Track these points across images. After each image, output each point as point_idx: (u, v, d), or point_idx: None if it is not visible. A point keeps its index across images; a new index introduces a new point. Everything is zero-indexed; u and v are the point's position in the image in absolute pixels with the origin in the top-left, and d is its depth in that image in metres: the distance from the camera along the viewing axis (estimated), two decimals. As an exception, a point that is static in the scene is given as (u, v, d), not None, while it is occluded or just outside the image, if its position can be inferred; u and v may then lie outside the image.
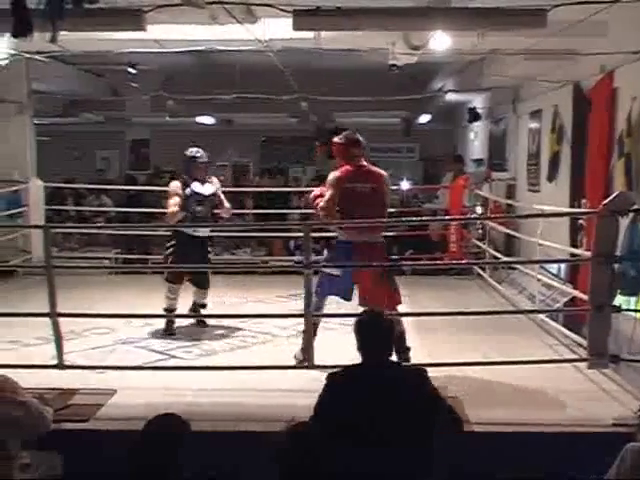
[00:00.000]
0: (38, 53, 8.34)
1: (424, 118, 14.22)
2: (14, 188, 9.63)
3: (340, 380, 3.49)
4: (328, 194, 5.33)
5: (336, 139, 5.67)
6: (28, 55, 8.39)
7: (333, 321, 6.36)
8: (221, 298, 7.31)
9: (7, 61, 8.32)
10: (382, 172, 5.57)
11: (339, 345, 6.07)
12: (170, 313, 6.48)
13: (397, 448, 3.21)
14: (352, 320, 3.77)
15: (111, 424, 4.44)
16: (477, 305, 7.43)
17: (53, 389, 4.77)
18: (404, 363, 4.64)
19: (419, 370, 3.56)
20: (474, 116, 11.90)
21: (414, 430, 3.30)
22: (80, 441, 4.25)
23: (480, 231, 9.97)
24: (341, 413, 3.34)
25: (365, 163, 5.56)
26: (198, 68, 11.65)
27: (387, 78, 9.12)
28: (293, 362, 5.33)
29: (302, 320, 5.21)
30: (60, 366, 5.11)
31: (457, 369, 5.07)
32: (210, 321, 6.82)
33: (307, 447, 2.89)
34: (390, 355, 3.52)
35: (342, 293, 5.35)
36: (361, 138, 5.64)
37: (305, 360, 5.15)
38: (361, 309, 5.94)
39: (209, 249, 6.60)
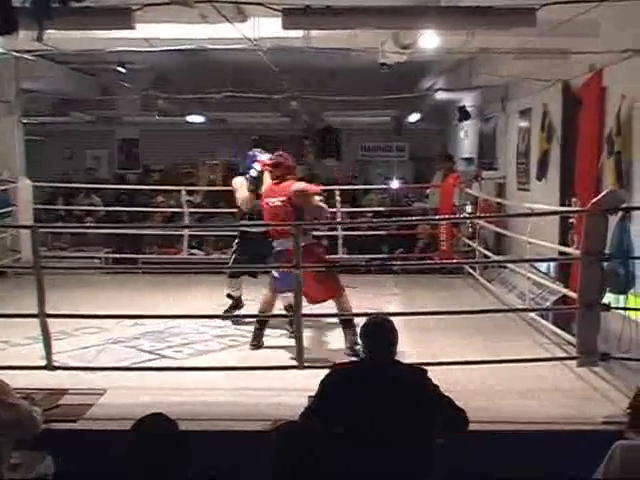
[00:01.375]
0: (27, 52, 8.29)
1: (414, 117, 14.22)
2: (3, 188, 9.57)
3: (340, 376, 3.53)
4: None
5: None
6: (17, 54, 8.34)
7: (323, 319, 6.36)
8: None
9: (-5, 60, 8.28)
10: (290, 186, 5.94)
11: (331, 344, 6.13)
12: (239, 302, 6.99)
13: (396, 448, 3.23)
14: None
15: (100, 424, 4.42)
16: (468, 304, 7.43)
17: (42, 389, 4.76)
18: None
19: (420, 369, 3.61)
20: (464, 115, 11.91)
21: (414, 429, 3.33)
22: (69, 441, 4.23)
23: (470, 230, 9.98)
24: (339, 410, 3.36)
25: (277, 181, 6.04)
26: (188, 67, 11.62)
27: (377, 77, 9.12)
28: (284, 360, 5.32)
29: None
30: (49, 367, 5.08)
31: (447, 368, 5.05)
32: (201, 321, 6.80)
33: (298, 446, 2.87)
34: (392, 356, 3.57)
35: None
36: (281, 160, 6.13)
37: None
38: (359, 310, 6.00)
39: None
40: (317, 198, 5.98)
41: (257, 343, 6.02)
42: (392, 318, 5.64)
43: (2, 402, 3.56)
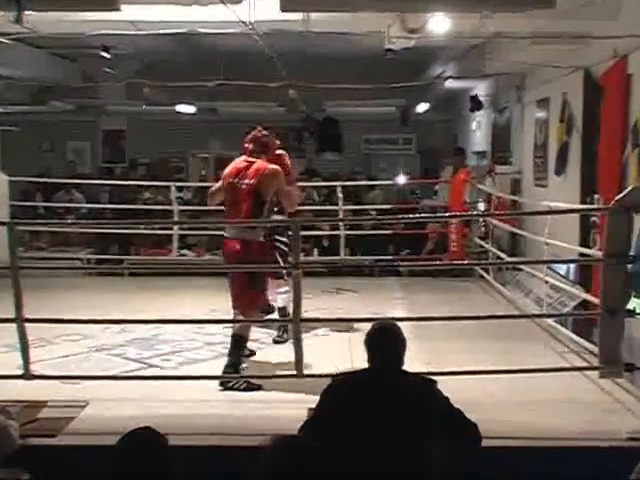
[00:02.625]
0: (3, 35, 8.27)
1: (422, 107, 14.20)
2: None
3: (342, 387, 3.52)
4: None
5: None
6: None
7: (324, 327, 6.36)
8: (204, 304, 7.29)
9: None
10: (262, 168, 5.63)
11: (331, 353, 6.11)
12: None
13: (402, 463, 3.22)
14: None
15: (82, 439, 4.40)
16: (480, 309, 7.43)
17: (19, 402, 4.74)
18: None
19: (428, 379, 3.62)
20: (476, 105, 11.89)
21: (421, 444, 3.33)
22: (49, 458, 4.21)
23: (483, 229, 9.97)
24: (341, 423, 3.36)
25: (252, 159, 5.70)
26: (178, 53, 11.60)
27: (382, 64, 9.10)
28: (282, 370, 5.31)
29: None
30: (27, 376, 5.05)
31: (458, 379, 5.04)
32: (191, 327, 6.79)
33: (294, 462, 2.86)
34: (399, 365, 3.57)
35: None
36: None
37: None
38: (360, 316, 5.99)
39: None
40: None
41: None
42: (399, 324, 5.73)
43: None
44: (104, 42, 9.68)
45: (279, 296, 6.52)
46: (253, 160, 5.69)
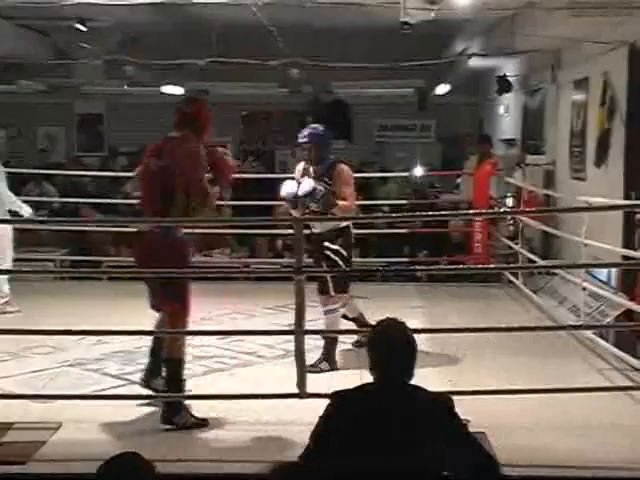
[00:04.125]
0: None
1: (443, 89, 14.20)
2: None
3: (347, 400, 3.47)
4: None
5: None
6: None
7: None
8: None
9: None
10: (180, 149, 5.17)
11: (341, 367, 6.13)
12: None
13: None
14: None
15: (55, 466, 4.40)
16: (507, 319, 7.42)
17: (-19, 423, 4.76)
18: None
19: (443, 397, 3.52)
20: (504, 86, 11.89)
21: (430, 466, 3.29)
22: (16, 488, 4.24)
23: (511, 228, 9.97)
24: (341, 449, 3.32)
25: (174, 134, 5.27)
26: (164, 26, 11.63)
27: (398, 39, 9.11)
28: (283, 388, 5.31)
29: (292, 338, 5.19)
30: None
31: (483, 398, 5.06)
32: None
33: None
34: (409, 376, 3.49)
35: None
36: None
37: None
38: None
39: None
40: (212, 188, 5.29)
41: None
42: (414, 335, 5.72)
43: None
44: (80, 13, 9.69)
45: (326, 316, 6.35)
46: (175, 135, 5.24)
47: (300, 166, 6.59)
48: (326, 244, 6.37)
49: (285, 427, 4.84)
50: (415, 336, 5.11)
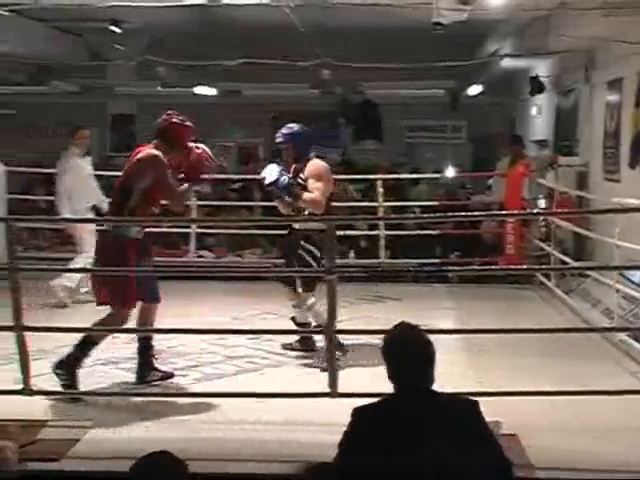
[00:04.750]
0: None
1: (474, 90, 14.18)
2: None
3: (368, 415, 3.44)
4: None
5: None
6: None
7: (361, 339, 6.37)
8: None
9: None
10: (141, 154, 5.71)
11: (369, 369, 6.13)
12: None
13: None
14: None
15: (88, 464, 4.43)
16: (539, 321, 7.41)
17: (17, 420, 4.80)
18: None
19: (469, 401, 3.48)
20: (537, 87, 11.85)
21: (456, 474, 3.26)
22: (50, 485, 4.28)
23: (543, 229, 9.92)
24: (370, 456, 3.30)
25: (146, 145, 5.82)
26: (196, 27, 11.67)
27: (429, 40, 9.11)
28: (313, 388, 5.33)
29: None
30: (26, 392, 5.13)
31: (514, 400, 5.04)
32: (210, 338, 6.83)
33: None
34: (430, 382, 3.46)
35: None
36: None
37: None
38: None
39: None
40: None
41: None
42: (445, 337, 5.72)
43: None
44: (114, 15, 9.75)
45: (308, 313, 6.50)
46: (145, 143, 5.80)
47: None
48: (302, 242, 6.45)
49: (317, 427, 4.82)
50: (446, 337, 5.12)
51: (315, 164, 6.55)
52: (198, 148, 5.96)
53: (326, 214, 6.36)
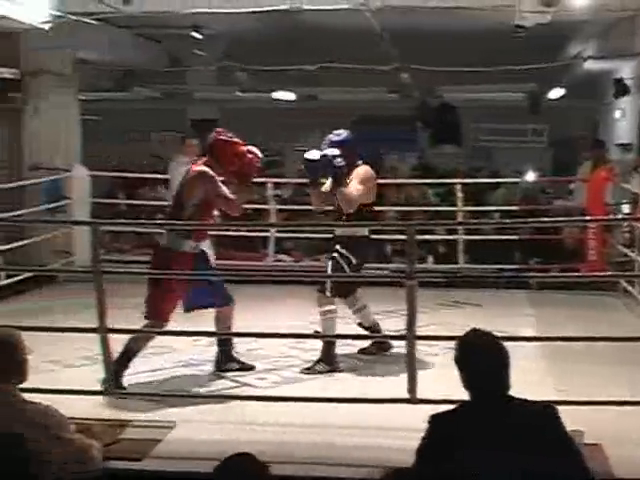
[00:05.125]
0: (86, 15, 8.57)
1: (556, 93, 14.02)
2: (54, 177, 9.92)
3: (446, 424, 3.42)
4: None
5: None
6: (74, 17, 8.62)
7: (438, 345, 6.36)
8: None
9: (50, 24, 8.56)
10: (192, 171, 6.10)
11: (448, 376, 6.10)
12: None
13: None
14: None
15: (171, 464, 4.51)
16: (622, 329, 7.26)
17: (101, 420, 4.91)
18: None
19: (548, 407, 3.43)
20: (621, 89, 11.66)
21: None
22: (133, 483, 4.36)
23: (627, 235, 9.76)
24: (448, 465, 3.28)
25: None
26: (276, 32, 11.76)
27: (510, 42, 9.04)
28: (391, 393, 5.33)
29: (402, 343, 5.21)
30: (109, 392, 5.25)
31: (594, 409, 4.97)
32: (289, 342, 6.88)
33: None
34: (506, 388, 3.43)
35: None
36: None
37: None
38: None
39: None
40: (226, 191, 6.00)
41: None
42: (525, 344, 5.68)
43: (56, 437, 3.71)
44: (195, 21, 9.88)
45: (321, 318, 6.48)
46: (199, 161, 6.22)
47: None
48: (337, 247, 6.50)
49: (395, 432, 4.81)
50: (525, 344, 5.07)
51: (362, 168, 6.57)
52: (250, 152, 6.19)
53: (363, 220, 6.45)
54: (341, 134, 6.71)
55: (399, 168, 15.77)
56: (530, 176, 13.73)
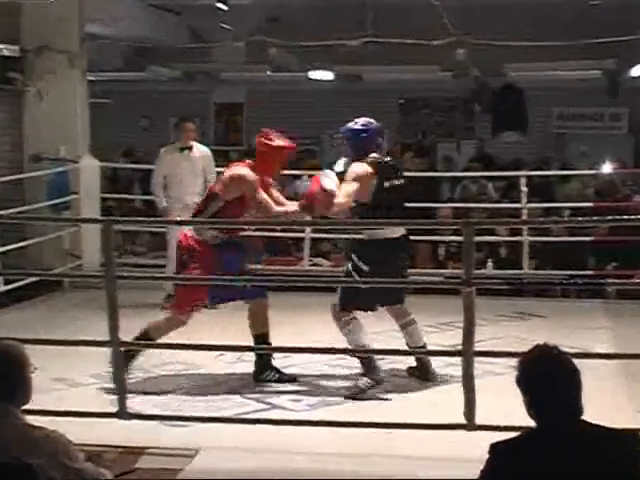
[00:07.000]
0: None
1: (638, 71, 13.90)
2: (60, 169, 9.99)
3: (509, 453, 3.41)
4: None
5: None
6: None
7: (499, 364, 6.36)
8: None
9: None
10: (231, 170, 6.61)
11: (510, 398, 6.09)
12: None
13: None
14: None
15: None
16: None
17: (113, 446, 4.96)
18: None
19: (632, 436, 3.41)
20: None
21: None
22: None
23: None
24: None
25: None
26: (313, 3, 11.78)
27: (584, 14, 9.01)
28: (444, 418, 5.34)
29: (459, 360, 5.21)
30: (123, 415, 5.29)
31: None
32: (327, 358, 6.90)
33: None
34: (579, 412, 3.41)
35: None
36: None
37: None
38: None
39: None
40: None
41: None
42: (599, 361, 5.65)
43: (63, 466, 3.75)
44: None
45: (342, 333, 6.48)
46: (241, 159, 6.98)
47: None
48: (352, 254, 6.58)
49: (448, 463, 4.84)
50: (601, 362, 5.03)
51: (353, 166, 6.53)
52: (318, 182, 6.32)
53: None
54: (356, 122, 6.67)
55: (454, 159, 15.78)
56: (607, 167, 13.65)
